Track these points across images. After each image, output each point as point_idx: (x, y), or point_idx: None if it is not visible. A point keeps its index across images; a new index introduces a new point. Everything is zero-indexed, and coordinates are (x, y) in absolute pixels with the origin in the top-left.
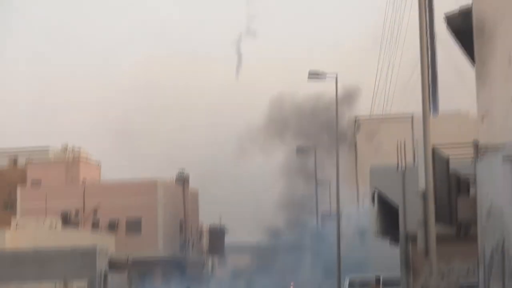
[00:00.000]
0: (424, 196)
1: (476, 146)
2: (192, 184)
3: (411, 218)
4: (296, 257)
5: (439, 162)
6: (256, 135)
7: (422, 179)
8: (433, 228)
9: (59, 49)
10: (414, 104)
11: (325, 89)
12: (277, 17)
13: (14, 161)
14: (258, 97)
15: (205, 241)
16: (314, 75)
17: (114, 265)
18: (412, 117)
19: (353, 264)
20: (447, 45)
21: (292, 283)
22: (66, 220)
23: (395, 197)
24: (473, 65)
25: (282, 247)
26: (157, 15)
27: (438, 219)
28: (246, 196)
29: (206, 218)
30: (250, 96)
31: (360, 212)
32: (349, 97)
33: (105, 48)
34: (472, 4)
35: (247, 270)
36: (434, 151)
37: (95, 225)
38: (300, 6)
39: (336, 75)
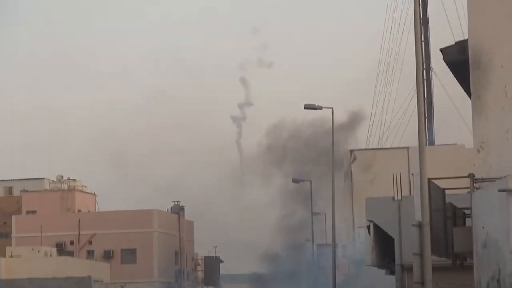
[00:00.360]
0: (420, 227)
1: (472, 178)
2: (188, 212)
3: (407, 249)
4: (293, 285)
5: (435, 194)
6: (254, 162)
7: (418, 211)
8: (429, 259)
9: (58, 77)
10: (410, 136)
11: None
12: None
13: (9, 191)
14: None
15: (200, 271)
16: (310, 107)
17: None
18: (408, 149)
19: None
20: (443, 77)
21: None
22: (61, 249)
23: (391, 229)
24: (470, 97)
25: (279, 275)
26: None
27: (434, 250)
28: (242, 223)
29: (202, 248)
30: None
31: (356, 242)
32: (352, 122)
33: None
34: (468, 37)
35: None
36: (430, 183)
37: (90, 255)
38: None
39: (332, 109)
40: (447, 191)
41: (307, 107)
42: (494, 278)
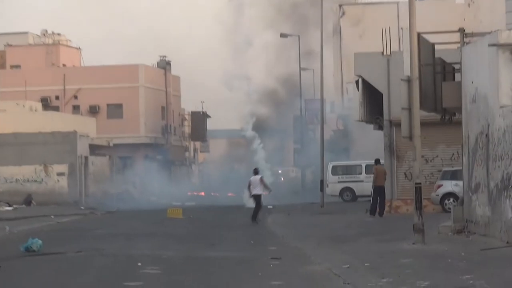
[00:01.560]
0: (409, 82)
1: (463, 33)
2: (175, 70)
3: (395, 104)
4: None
5: (424, 48)
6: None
7: (407, 65)
8: (417, 114)
9: None
10: None
11: None
12: None
13: None
14: None
15: (187, 126)
16: None
17: (95, 149)
18: (398, 4)
19: (337, 150)
20: None
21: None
22: (46, 104)
23: (379, 84)
24: None
25: (266, 134)
26: None
27: (422, 104)
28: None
29: (189, 104)
30: None
31: (344, 98)
32: None
33: None
34: None
35: (229, 155)
36: (419, 37)
37: (75, 110)
38: None
39: None
40: (436, 46)
41: None
42: (483, 133)
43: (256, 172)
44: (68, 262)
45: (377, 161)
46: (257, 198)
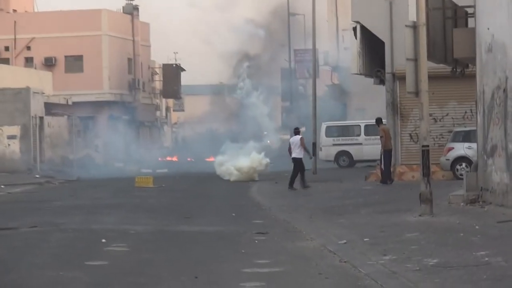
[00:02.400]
0: (415, 28)
1: None
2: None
3: (399, 55)
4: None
5: None
6: None
7: (413, 9)
8: (425, 65)
9: None
10: None
11: None
12: None
13: None
14: None
15: (158, 81)
16: None
17: (51, 108)
18: None
19: (332, 108)
20: None
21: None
22: None
23: (380, 31)
24: None
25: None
26: None
27: (430, 55)
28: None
29: (160, 56)
30: None
31: (340, 48)
32: None
33: None
34: None
35: (205, 115)
36: None
37: (28, 62)
38: None
39: None
40: None
41: None
42: (500, 87)
43: (296, 131)
44: (21, 238)
45: (379, 121)
46: (295, 162)
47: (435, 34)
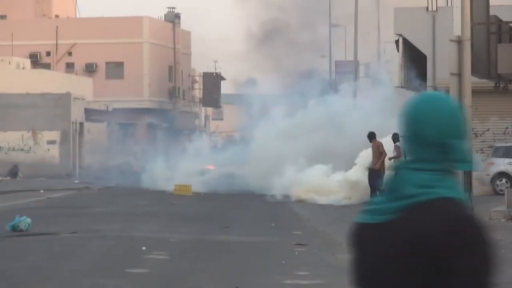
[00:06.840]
0: (459, 43)
1: None
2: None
3: (442, 69)
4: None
5: (477, 4)
6: None
7: (457, 24)
8: (468, 80)
9: None
10: None
11: None
12: None
13: None
14: None
15: (198, 89)
16: None
17: (91, 114)
18: None
19: None
20: None
21: None
22: (36, 61)
23: (423, 44)
24: None
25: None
26: None
27: (474, 70)
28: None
29: (200, 63)
30: None
31: (381, 60)
32: None
33: None
34: None
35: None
36: None
37: (69, 68)
38: None
39: None
40: (491, 2)
41: None
42: None
43: (394, 138)
44: (61, 244)
45: (372, 135)
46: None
47: (479, 49)
